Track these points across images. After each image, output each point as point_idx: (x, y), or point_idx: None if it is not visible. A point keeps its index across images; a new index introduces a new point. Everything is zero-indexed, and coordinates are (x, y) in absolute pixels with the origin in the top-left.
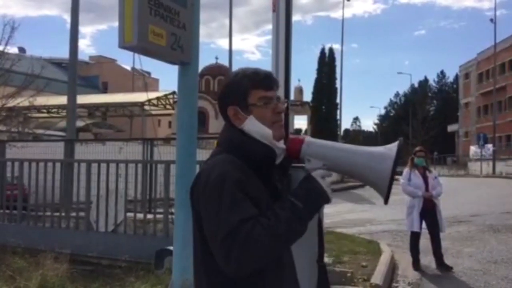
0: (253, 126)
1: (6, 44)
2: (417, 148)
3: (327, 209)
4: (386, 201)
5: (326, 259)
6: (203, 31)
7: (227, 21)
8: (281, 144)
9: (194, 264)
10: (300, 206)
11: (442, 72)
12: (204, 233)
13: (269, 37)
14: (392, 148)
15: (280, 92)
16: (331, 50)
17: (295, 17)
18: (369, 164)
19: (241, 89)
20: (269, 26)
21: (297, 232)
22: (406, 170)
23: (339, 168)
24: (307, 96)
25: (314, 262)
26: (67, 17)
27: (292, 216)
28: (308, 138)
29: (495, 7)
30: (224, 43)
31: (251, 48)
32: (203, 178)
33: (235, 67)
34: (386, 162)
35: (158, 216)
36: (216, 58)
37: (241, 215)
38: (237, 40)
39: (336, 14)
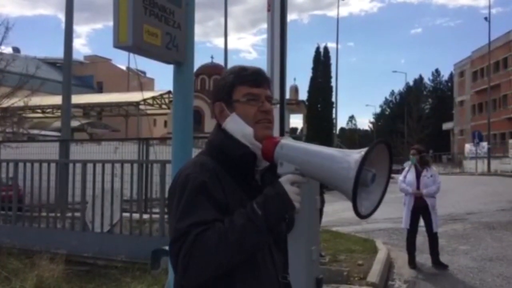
0: (235, 123)
1: (0, 44)
2: (415, 147)
3: (324, 208)
4: (356, 212)
5: (322, 258)
6: (199, 30)
7: (223, 20)
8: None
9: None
10: (259, 213)
11: (437, 70)
12: None
13: (266, 36)
14: (354, 153)
15: (276, 91)
16: (326, 49)
17: (292, 16)
18: (331, 166)
19: (227, 84)
20: (266, 25)
21: (252, 240)
22: (406, 168)
23: (308, 172)
24: (303, 95)
25: (310, 260)
26: (62, 17)
27: (248, 223)
28: (283, 140)
29: (489, 5)
30: (220, 42)
31: (247, 47)
32: (174, 180)
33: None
34: (350, 171)
35: (154, 216)
36: (212, 57)
37: (194, 219)
38: (233, 39)
39: (333, 12)
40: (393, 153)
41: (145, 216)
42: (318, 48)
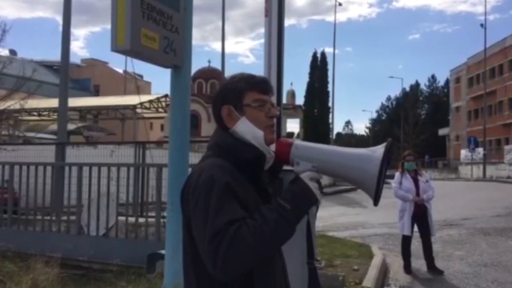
0: (246, 126)
1: None
2: (406, 153)
3: (319, 213)
4: (375, 203)
5: (318, 263)
6: (197, 34)
7: (221, 24)
8: (271, 148)
9: (183, 267)
10: (288, 208)
11: (433, 76)
12: (193, 235)
13: (264, 40)
14: (379, 149)
15: (273, 96)
16: (323, 54)
17: (290, 21)
18: (357, 165)
19: (237, 89)
20: (264, 29)
21: (284, 233)
22: (397, 174)
23: (328, 170)
24: (300, 100)
25: (305, 265)
26: (60, 19)
27: (279, 217)
28: (296, 141)
29: (485, 12)
30: (218, 46)
31: (245, 51)
32: (193, 181)
33: (228, 71)
34: (374, 163)
35: (150, 220)
36: (209, 61)
37: (228, 217)
38: (231, 43)
39: (331, 17)
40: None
41: (141, 220)
42: (315, 53)
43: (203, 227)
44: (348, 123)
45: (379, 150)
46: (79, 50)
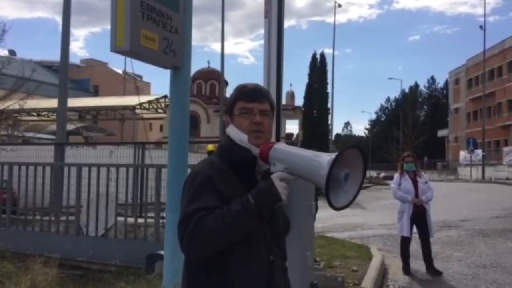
0: (232, 132)
1: None
2: (405, 154)
3: (318, 214)
4: (330, 205)
5: (317, 264)
6: (197, 34)
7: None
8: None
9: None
10: (251, 202)
11: (432, 77)
12: None
13: (263, 41)
14: (325, 155)
15: (272, 97)
16: (322, 55)
17: (290, 22)
18: (312, 168)
19: (231, 100)
20: (264, 30)
21: (244, 224)
22: (396, 175)
23: (295, 171)
24: (299, 101)
25: (305, 266)
26: (60, 20)
27: (243, 209)
28: (277, 144)
29: (485, 14)
30: (218, 46)
31: (245, 52)
32: (187, 175)
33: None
34: (323, 168)
35: (149, 220)
36: (208, 62)
37: (200, 205)
38: (230, 44)
39: (332, 19)
40: (366, 156)
41: (140, 221)
42: (314, 55)
43: (180, 212)
44: (347, 124)
45: (328, 156)
46: (78, 50)
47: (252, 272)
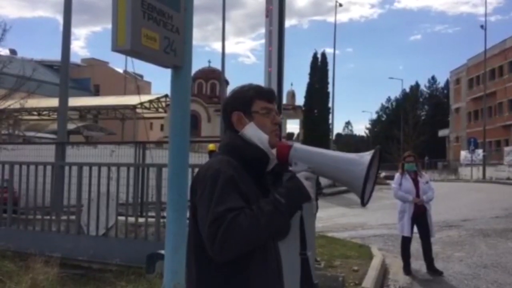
0: (253, 130)
1: None
2: (406, 154)
3: (319, 213)
4: (363, 203)
5: (317, 264)
6: (198, 34)
7: (222, 24)
8: (274, 151)
9: (186, 255)
10: (282, 201)
11: (433, 77)
12: (197, 225)
13: (264, 41)
14: (366, 155)
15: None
16: (323, 55)
17: (291, 21)
18: (346, 167)
19: (247, 97)
20: (264, 30)
21: (277, 224)
22: (397, 175)
23: (321, 171)
24: (300, 100)
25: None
26: (61, 19)
27: (274, 209)
28: (295, 144)
29: (486, 13)
30: (218, 46)
31: (245, 51)
32: (202, 173)
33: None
34: (361, 167)
35: (149, 220)
36: (209, 61)
37: (228, 205)
38: (231, 44)
39: (333, 18)
40: (382, 156)
41: (141, 220)
42: (315, 54)
43: (206, 213)
44: (348, 123)
45: (366, 156)
46: (79, 49)
47: (269, 271)
